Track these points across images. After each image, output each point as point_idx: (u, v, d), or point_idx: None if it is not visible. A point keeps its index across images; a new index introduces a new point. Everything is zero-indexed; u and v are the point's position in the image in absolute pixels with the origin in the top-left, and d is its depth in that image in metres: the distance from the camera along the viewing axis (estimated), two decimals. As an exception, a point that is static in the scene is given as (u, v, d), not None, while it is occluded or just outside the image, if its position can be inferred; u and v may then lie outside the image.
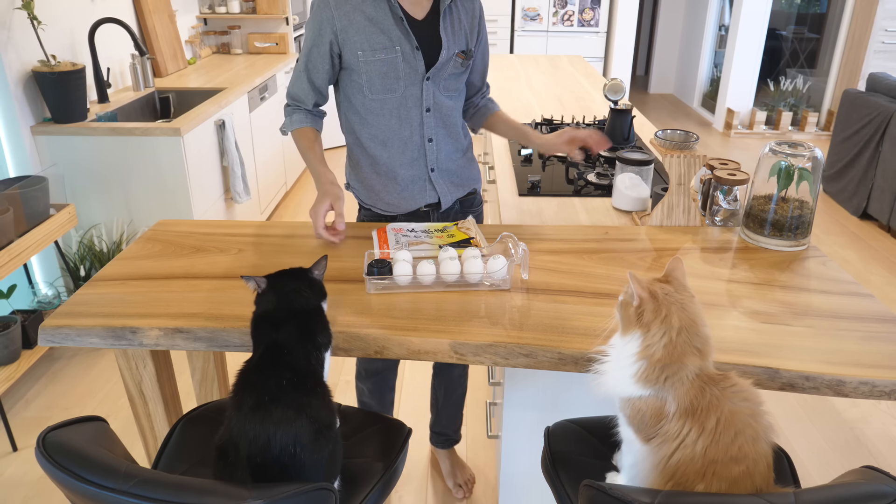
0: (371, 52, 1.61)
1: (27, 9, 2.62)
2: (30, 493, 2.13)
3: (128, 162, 2.86)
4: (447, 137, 1.75)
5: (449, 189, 1.79)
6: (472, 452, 2.33)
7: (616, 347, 1.07)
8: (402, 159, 1.72)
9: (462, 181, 1.83)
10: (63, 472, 0.89)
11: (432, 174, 1.75)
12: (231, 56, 4.60)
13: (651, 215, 1.74)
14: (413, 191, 1.76)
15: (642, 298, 1.03)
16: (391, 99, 1.66)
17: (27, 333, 2.47)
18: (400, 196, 1.76)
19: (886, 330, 1.28)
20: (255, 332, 1.17)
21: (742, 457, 0.96)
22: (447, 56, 1.66)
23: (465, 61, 1.70)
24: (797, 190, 1.56)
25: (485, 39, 1.78)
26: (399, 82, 1.64)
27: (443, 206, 1.80)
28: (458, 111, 1.78)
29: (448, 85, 1.71)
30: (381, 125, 1.69)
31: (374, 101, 1.67)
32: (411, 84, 1.65)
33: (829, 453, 2.33)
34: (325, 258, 1.26)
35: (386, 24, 1.60)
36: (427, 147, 1.72)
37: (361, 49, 1.61)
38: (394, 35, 1.61)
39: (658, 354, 1.00)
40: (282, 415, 1.04)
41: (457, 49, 1.68)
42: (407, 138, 1.70)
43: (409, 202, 1.77)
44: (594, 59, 6.07)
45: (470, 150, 1.87)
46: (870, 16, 5.60)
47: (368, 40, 1.60)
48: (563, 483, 1.24)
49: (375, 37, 1.60)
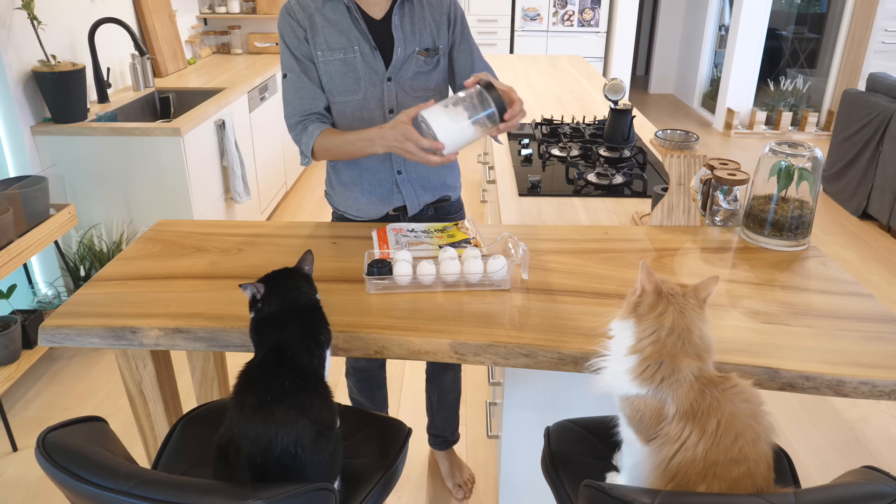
0: (329, 52, 1.61)
1: (27, 9, 2.62)
2: (30, 493, 2.13)
3: (128, 162, 2.86)
4: None
5: (417, 193, 1.77)
6: (472, 452, 2.33)
7: (613, 339, 1.08)
8: (367, 162, 1.71)
9: (433, 186, 1.79)
10: (63, 473, 0.89)
11: (399, 177, 1.73)
12: (231, 56, 4.60)
13: (651, 215, 1.74)
14: (380, 194, 1.75)
15: (644, 289, 1.05)
16: (353, 101, 1.66)
17: (27, 333, 2.47)
18: (368, 200, 1.75)
19: (886, 330, 1.28)
20: (257, 333, 1.17)
21: (743, 458, 0.97)
22: (403, 54, 1.64)
23: (428, 59, 1.67)
24: (797, 190, 1.56)
25: (465, 36, 1.72)
26: (360, 83, 1.64)
27: (409, 212, 1.78)
28: None
29: (415, 85, 1.67)
30: (346, 127, 1.67)
31: (337, 104, 1.67)
32: (372, 85, 1.64)
33: (829, 453, 2.33)
34: (309, 252, 1.27)
35: (344, 24, 1.61)
36: None
37: (321, 49, 1.62)
38: (352, 35, 1.61)
39: (647, 351, 1.01)
40: (284, 415, 1.04)
41: (417, 47, 1.65)
42: None
43: (377, 206, 1.76)
44: (594, 59, 6.07)
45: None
46: (870, 16, 5.60)
47: (327, 41, 1.61)
48: (563, 483, 1.24)
49: (334, 37, 1.61)
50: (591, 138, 2.51)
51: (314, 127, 1.63)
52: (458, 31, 1.71)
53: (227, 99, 3.39)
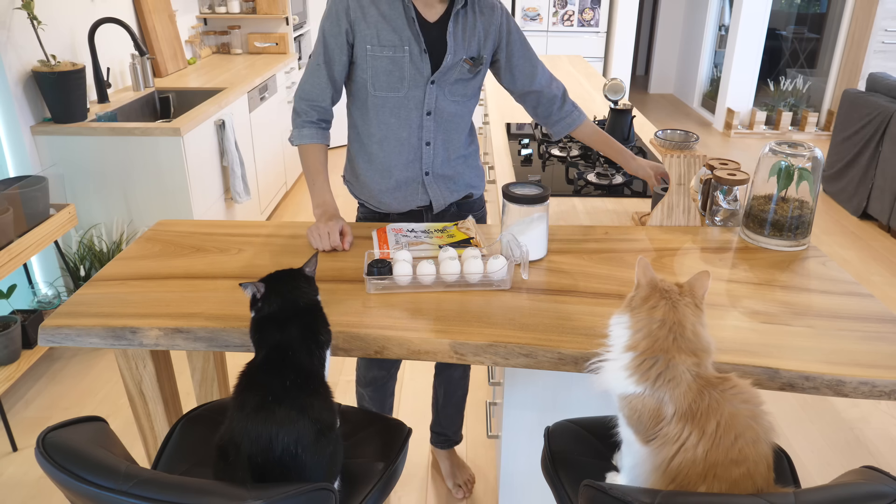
0: (380, 47, 1.61)
1: (27, 9, 2.62)
2: (30, 493, 2.13)
3: (128, 162, 2.86)
4: (446, 143, 1.74)
5: (442, 193, 1.78)
6: (472, 452, 2.33)
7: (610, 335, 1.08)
8: (397, 160, 1.72)
9: (458, 187, 1.81)
10: (63, 473, 0.89)
11: (426, 177, 1.75)
12: (231, 56, 4.60)
13: (651, 215, 1.74)
14: (406, 192, 1.75)
15: (639, 283, 1.07)
16: (393, 98, 1.66)
17: (27, 333, 2.47)
18: (392, 196, 1.76)
19: (886, 330, 1.28)
20: (258, 333, 1.17)
21: (742, 459, 0.97)
22: (452, 61, 1.65)
23: (472, 68, 1.68)
24: (797, 190, 1.56)
25: (523, 43, 1.74)
26: (403, 82, 1.64)
27: (434, 210, 1.80)
28: (463, 117, 1.76)
29: (454, 90, 1.69)
30: (381, 123, 1.69)
31: (377, 98, 1.67)
32: (415, 86, 1.65)
33: (829, 453, 2.33)
34: (316, 255, 1.27)
35: (398, 23, 1.60)
36: (424, 150, 1.72)
37: (370, 43, 1.61)
38: (404, 35, 1.61)
39: (641, 346, 1.02)
40: (285, 415, 1.04)
41: (465, 55, 1.66)
42: (404, 139, 1.70)
43: (401, 202, 1.77)
44: (594, 59, 6.06)
45: (473, 157, 1.85)
46: (870, 16, 5.60)
47: (378, 35, 1.61)
48: (563, 483, 1.23)
49: (386, 34, 1.60)
50: (591, 138, 2.51)
51: (308, 132, 1.69)
52: (516, 39, 1.73)
53: (227, 99, 3.39)
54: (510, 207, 1.50)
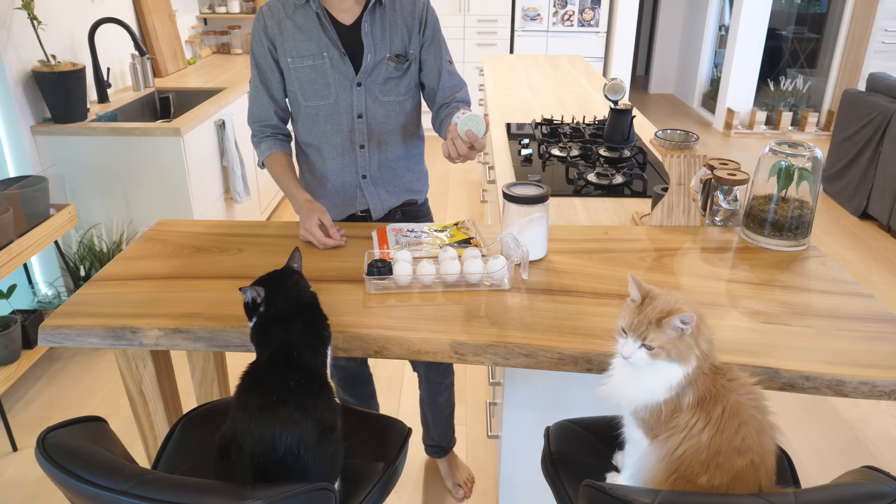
0: (300, 58, 1.65)
1: (27, 9, 2.62)
2: (30, 493, 2.13)
3: (128, 162, 2.86)
4: (382, 144, 1.75)
5: (381, 198, 1.79)
6: (472, 452, 2.33)
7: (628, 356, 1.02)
8: (333, 165, 1.75)
9: (397, 191, 1.81)
10: (63, 473, 0.89)
11: (363, 181, 1.76)
12: (231, 56, 4.60)
13: (651, 215, 1.74)
14: (343, 196, 1.78)
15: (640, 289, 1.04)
16: (324, 105, 1.69)
17: (27, 333, 2.47)
18: (331, 202, 1.78)
19: (886, 330, 1.28)
20: (262, 335, 1.16)
21: (746, 448, 0.97)
22: (374, 60, 1.65)
23: (398, 65, 1.68)
24: (797, 190, 1.56)
25: (436, 40, 1.72)
26: (330, 88, 1.66)
27: (373, 215, 1.80)
28: (397, 118, 1.74)
29: (385, 90, 1.69)
30: (317, 131, 1.72)
31: (310, 108, 1.70)
32: (342, 90, 1.67)
33: (829, 453, 2.33)
34: (297, 250, 1.28)
35: (313, 31, 1.63)
36: (359, 153, 1.73)
37: (290, 56, 1.65)
38: (321, 41, 1.63)
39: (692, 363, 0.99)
40: (289, 416, 1.04)
41: (387, 53, 1.66)
42: (339, 144, 1.72)
43: (341, 208, 1.79)
44: (594, 59, 6.06)
45: (415, 159, 1.84)
46: (870, 16, 5.60)
47: (297, 47, 1.64)
48: (563, 483, 1.23)
49: (304, 44, 1.64)
50: (591, 138, 2.51)
51: (266, 145, 1.74)
52: (429, 34, 1.71)
53: (227, 99, 3.39)
54: (510, 207, 1.50)
